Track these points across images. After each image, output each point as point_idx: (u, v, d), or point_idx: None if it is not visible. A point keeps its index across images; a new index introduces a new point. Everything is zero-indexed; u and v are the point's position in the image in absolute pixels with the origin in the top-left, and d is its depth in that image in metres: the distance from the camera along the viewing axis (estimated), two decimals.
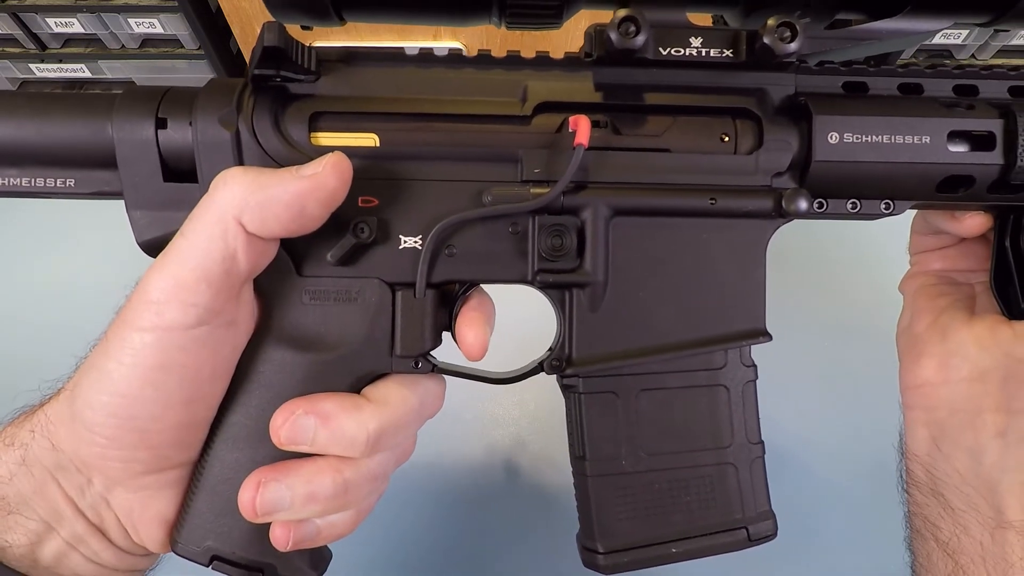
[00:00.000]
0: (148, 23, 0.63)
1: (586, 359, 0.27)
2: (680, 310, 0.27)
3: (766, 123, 0.26)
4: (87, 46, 0.67)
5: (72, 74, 0.69)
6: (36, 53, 0.66)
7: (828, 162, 0.26)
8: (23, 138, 0.25)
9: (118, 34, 0.65)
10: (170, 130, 0.25)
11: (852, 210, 0.28)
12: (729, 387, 0.27)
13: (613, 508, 0.27)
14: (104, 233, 0.72)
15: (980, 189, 0.27)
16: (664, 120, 0.26)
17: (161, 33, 0.64)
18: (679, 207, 0.26)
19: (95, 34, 0.65)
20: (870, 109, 0.26)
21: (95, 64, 0.68)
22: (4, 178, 0.26)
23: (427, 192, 0.26)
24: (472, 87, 0.27)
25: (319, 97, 0.26)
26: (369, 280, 0.26)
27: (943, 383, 0.29)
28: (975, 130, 0.26)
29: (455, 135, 0.26)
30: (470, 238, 0.26)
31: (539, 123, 0.26)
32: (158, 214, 0.26)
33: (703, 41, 0.25)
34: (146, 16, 0.62)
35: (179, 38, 0.65)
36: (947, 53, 0.68)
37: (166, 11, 0.62)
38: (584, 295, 0.27)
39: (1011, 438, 0.27)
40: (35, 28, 0.64)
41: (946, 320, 0.30)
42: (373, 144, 0.26)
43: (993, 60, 0.67)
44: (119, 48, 0.66)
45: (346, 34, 0.61)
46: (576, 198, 0.26)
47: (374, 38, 0.61)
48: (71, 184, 0.27)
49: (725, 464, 0.27)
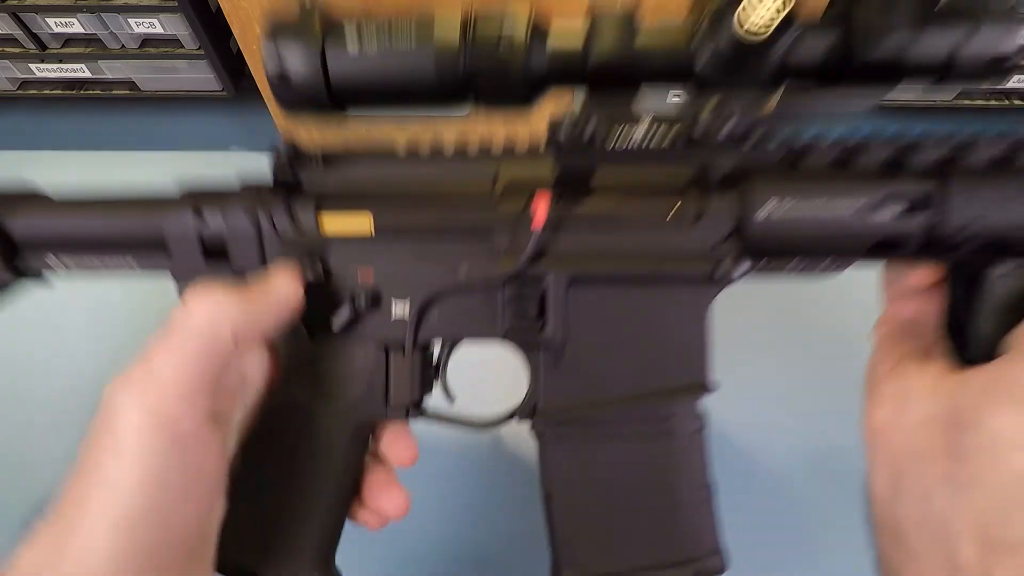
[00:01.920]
0: (148, 23, 0.63)
1: (551, 409, 0.31)
2: (632, 366, 0.30)
3: (708, 196, 0.29)
4: (87, 46, 0.66)
5: (72, 74, 0.69)
6: (36, 53, 0.66)
7: (766, 229, 0.29)
8: (97, 231, 0.33)
9: (118, 34, 0.65)
10: (208, 221, 0.32)
11: (792, 271, 0.31)
12: (678, 434, 0.30)
13: (576, 542, 0.30)
14: None
15: (915, 248, 0.29)
16: (616, 196, 0.30)
17: (161, 33, 0.64)
18: (629, 274, 0.30)
19: (95, 34, 0.65)
20: (805, 179, 0.29)
21: (95, 64, 0.68)
22: (81, 260, 0.34)
23: (414, 265, 0.31)
24: (454, 171, 0.32)
25: (324, 188, 0.32)
26: (365, 343, 0.31)
27: (897, 427, 0.30)
28: (905, 195, 0.28)
29: (437, 215, 0.31)
30: (450, 303, 0.31)
31: (507, 203, 0.30)
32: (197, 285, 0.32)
33: (648, 127, 0.28)
34: (146, 16, 0.62)
35: (179, 38, 0.65)
36: None
37: (166, 11, 0.62)
38: (547, 352, 0.31)
39: (956, 483, 0.27)
40: (35, 28, 0.64)
41: (904, 366, 0.31)
42: (369, 225, 0.31)
43: None
44: (119, 48, 0.66)
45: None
46: (538, 268, 0.30)
47: None
48: (132, 263, 0.34)
49: (676, 504, 0.30)
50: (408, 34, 0.27)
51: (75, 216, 0.33)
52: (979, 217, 0.27)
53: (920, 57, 0.26)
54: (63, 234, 0.33)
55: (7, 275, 0.34)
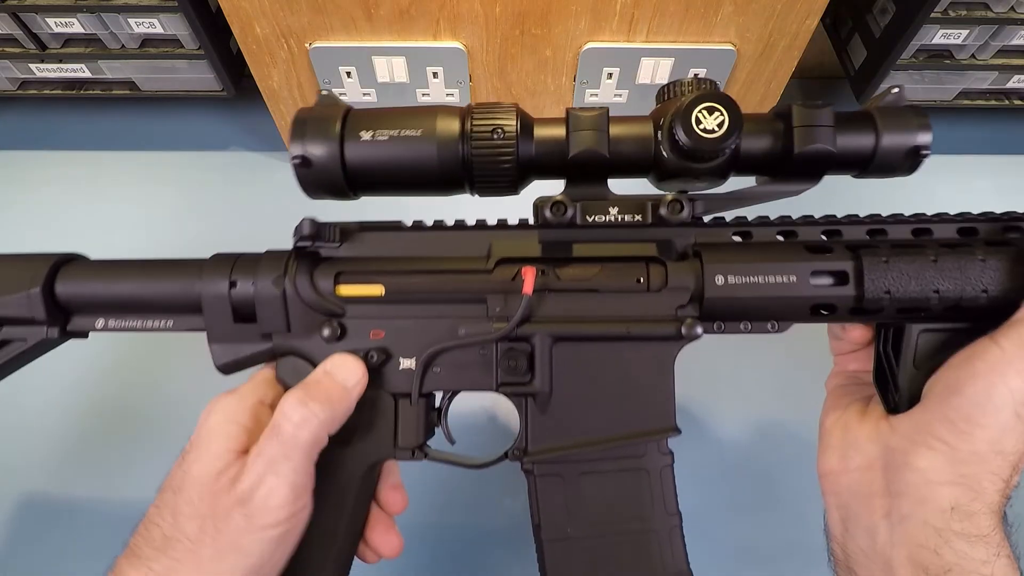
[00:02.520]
0: (148, 23, 0.63)
1: (539, 450, 0.34)
2: (608, 412, 0.34)
3: (670, 268, 0.34)
4: (87, 46, 0.66)
5: (72, 74, 0.69)
6: (36, 53, 0.66)
7: (719, 297, 0.33)
8: (138, 294, 0.36)
9: (118, 34, 0.65)
10: (239, 288, 0.35)
11: (745, 330, 0.35)
12: (650, 471, 0.34)
13: (562, 566, 0.34)
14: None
15: (843, 313, 0.34)
16: (592, 268, 0.35)
17: (161, 33, 0.64)
18: (605, 334, 0.34)
19: (95, 34, 0.64)
20: (750, 254, 0.34)
21: (95, 64, 0.68)
22: (123, 320, 0.37)
23: (419, 326, 0.35)
24: (451, 246, 0.36)
25: (341, 258, 0.36)
26: (378, 392, 0.35)
27: (844, 472, 0.34)
28: (832, 269, 0.33)
29: (439, 283, 0.35)
30: (450, 359, 0.35)
31: (499, 273, 0.35)
32: (229, 346, 0.36)
33: (619, 209, 0.34)
34: (146, 16, 0.62)
35: (179, 38, 0.65)
36: (947, 53, 0.68)
37: (166, 11, 0.62)
38: (535, 401, 0.35)
39: (894, 518, 0.31)
40: (35, 28, 0.64)
41: (847, 416, 0.36)
42: (380, 292, 0.35)
43: (993, 60, 0.67)
44: (119, 48, 0.66)
45: (347, 35, 0.61)
46: (526, 330, 0.34)
47: (373, 39, 0.61)
48: (169, 324, 0.37)
49: (648, 531, 0.34)
50: (414, 127, 0.31)
51: (121, 283, 0.37)
52: (889, 290, 0.32)
53: (847, 154, 0.32)
54: (110, 299, 0.37)
55: (57, 336, 0.37)
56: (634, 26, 0.61)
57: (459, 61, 0.63)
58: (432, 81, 0.65)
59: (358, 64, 0.64)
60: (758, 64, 0.65)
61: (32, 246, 0.72)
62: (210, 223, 0.74)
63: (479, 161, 0.31)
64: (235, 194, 0.76)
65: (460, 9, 0.59)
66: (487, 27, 0.61)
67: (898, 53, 0.65)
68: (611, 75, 0.65)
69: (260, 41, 0.62)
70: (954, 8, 0.62)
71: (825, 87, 0.86)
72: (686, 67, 0.64)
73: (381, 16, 0.59)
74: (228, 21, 0.60)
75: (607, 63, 0.64)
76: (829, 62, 0.80)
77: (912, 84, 0.70)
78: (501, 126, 0.31)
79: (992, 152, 0.81)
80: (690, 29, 0.61)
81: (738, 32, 0.61)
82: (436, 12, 0.59)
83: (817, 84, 0.86)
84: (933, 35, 0.64)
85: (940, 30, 0.63)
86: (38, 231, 0.73)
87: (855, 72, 0.72)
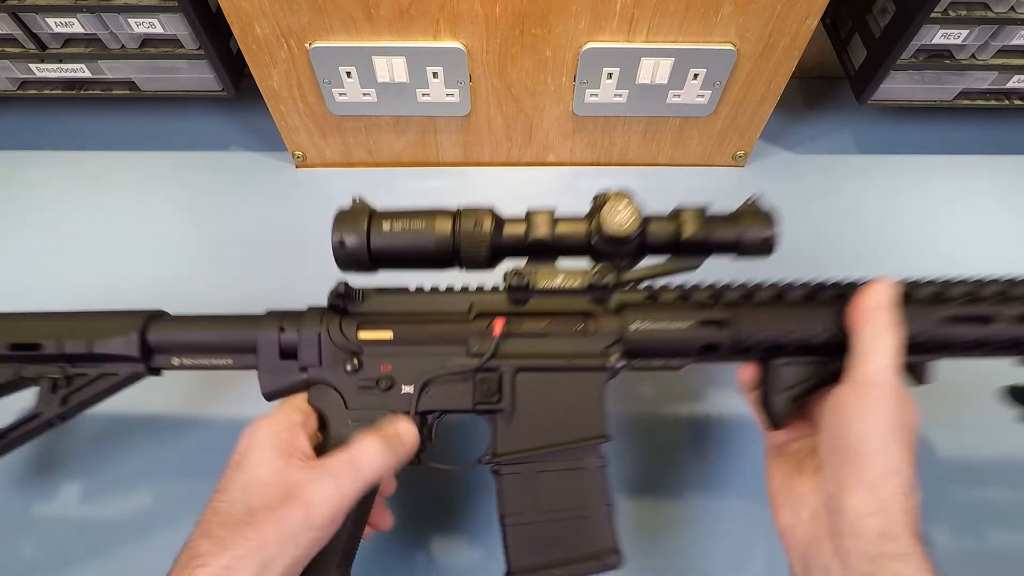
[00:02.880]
0: (148, 23, 0.63)
1: (504, 453, 0.45)
2: (555, 424, 0.45)
3: (601, 319, 0.46)
4: (87, 46, 0.66)
5: (72, 74, 0.69)
6: (36, 53, 0.66)
7: (634, 339, 0.46)
8: (212, 340, 0.48)
9: (118, 34, 0.64)
10: (286, 333, 0.47)
11: (657, 365, 0.47)
12: (588, 468, 0.44)
13: (521, 546, 0.43)
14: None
15: (725, 352, 0.46)
16: (544, 318, 0.47)
17: (161, 33, 0.64)
18: (553, 366, 0.46)
19: (95, 34, 0.64)
20: (657, 309, 0.46)
21: (95, 64, 0.68)
22: (194, 359, 0.49)
23: (417, 361, 0.46)
24: (442, 303, 0.48)
25: (363, 312, 0.47)
26: (383, 410, 0.45)
27: (796, 525, 0.40)
28: (714, 319, 0.45)
29: (433, 330, 0.47)
30: (439, 385, 0.46)
31: (477, 323, 0.47)
32: (274, 377, 0.47)
33: (564, 278, 0.46)
34: (146, 16, 0.62)
35: (179, 38, 0.65)
36: (947, 53, 0.68)
37: (166, 11, 0.62)
38: (502, 417, 0.45)
39: (842, 554, 0.36)
40: (35, 28, 0.64)
41: (790, 478, 0.43)
42: (389, 336, 0.47)
43: (993, 60, 0.67)
44: (119, 48, 0.66)
45: (347, 35, 0.61)
46: (495, 363, 0.46)
47: (373, 39, 0.61)
48: (229, 362, 0.48)
49: (587, 516, 0.44)
50: (419, 223, 0.44)
51: (195, 331, 0.48)
52: (756, 333, 0.45)
53: (719, 241, 0.44)
54: (186, 343, 0.48)
55: (143, 371, 0.49)
56: (634, 26, 0.61)
57: (459, 61, 0.63)
58: (432, 81, 0.65)
59: (358, 64, 0.64)
60: (758, 64, 0.65)
61: (32, 246, 0.72)
62: (210, 223, 0.74)
63: (464, 248, 0.43)
64: (235, 194, 0.76)
65: (460, 9, 0.59)
66: (487, 27, 0.61)
67: (898, 53, 0.65)
68: (611, 75, 0.65)
69: (260, 41, 0.62)
70: (954, 8, 0.62)
71: (825, 87, 0.86)
72: (686, 67, 0.64)
73: (381, 16, 0.59)
74: (228, 21, 0.60)
75: (607, 63, 0.64)
76: (829, 62, 0.80)
77: (912, 84, 0.70)
78: (480, 224, 0.43)
79: (992, 152, 0.81)
80: (690, 29, 0.61)
81: (738, 32, 0.61)
82: (436, 12, 0.59)
83: (817, 84, 0.86)
84: (933, 35, 0.64)
85: (940, 30, 0.63)
86: (38, 231, 0.73)
87: (855, 72, 0.72)
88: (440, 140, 0.75)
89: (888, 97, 0.71)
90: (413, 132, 0.74)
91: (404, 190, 0.77)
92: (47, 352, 0.48)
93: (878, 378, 0.39)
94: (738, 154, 0.77)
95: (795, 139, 0.82)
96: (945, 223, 0.75)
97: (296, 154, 0.77)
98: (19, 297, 0.67)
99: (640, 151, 0.77)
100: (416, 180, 0.77)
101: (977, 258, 0.72)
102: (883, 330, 0.40)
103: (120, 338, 0.47)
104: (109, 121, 0.82)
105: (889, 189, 0.78)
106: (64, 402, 0.48)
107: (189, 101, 0.81)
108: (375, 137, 0.74)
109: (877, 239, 0.74)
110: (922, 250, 0.73)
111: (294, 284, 0.69)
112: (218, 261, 0.71)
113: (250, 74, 0.66)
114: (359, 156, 0.77)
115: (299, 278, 0.69)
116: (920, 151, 0.81)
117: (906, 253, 0.73)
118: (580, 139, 0.75)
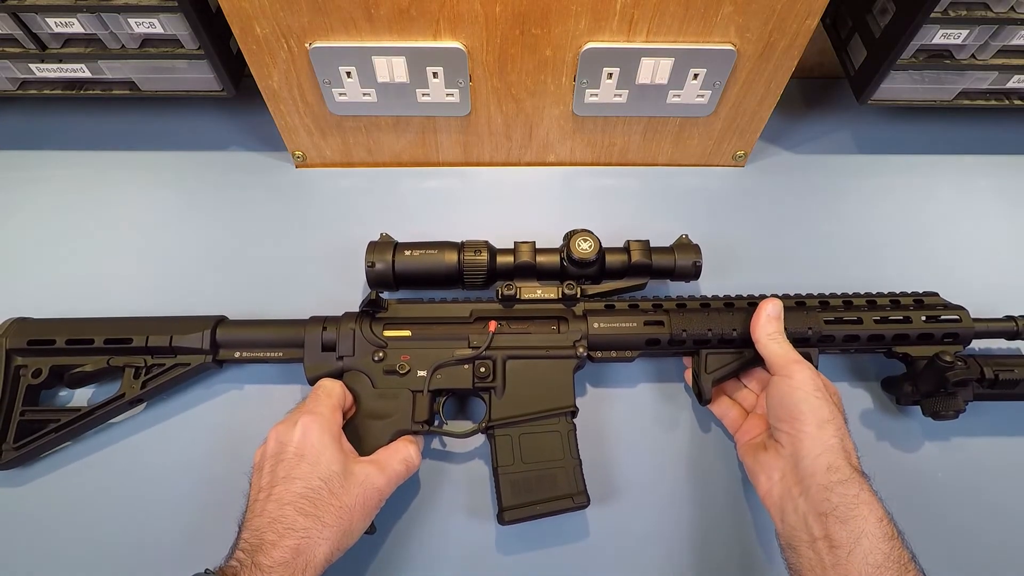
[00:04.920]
0: (148, 23, 0.63)
1: (497, 420, 0.57)
2: (535, 396, 0.58)
3: (571, 321, 0.60)
4: (87, 46, 0.66)
5: (72, 74, 0.69)
6: (36, 53, 0.66)
7: (595, 335, 0.60)
8: (263, 338, 0.61)
9: (118, 34, 0.64)
10: (327, 331, 0.60)
11: (616, 357, 0.60)
12: (560, 432, 0.57)
13: (510, 490, 0.55)
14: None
15: (664, 345, 0.60)
16: (528, 321, 0.61)
17: (161, 33, 0.64)
18: (535, 356, 0.59)
19: (95, 34, 0.64)
20: (612, 313, 0.61)
21: (95, 64, 0.68)
22: (252, 352, 0.61)
23: (429, 352, 0.59)
24: (449, 310, 0.61)
25: (387, 315, 0.61)
26: (403, 389, 0.58)
27: (772, 487, 0.52)
28: (655, 320, 0.60)
29: (442, 329, 0.60)
30: (447, 370, 0.59)
31: (476, 324, 0.60)
32: (316, 364, 0.59)
33: (542, 291, 0.61)
34: (146, 16, 0.62)
35: (179, 38, 0.65)
36: (947, 53, 0.68)
37: (166, 11, 0.61)
38: (495, 392, 0.58)
39: (805, 493, 0.48)
40: (35, 28, 0.64)
41: (758, 454, 0.55)
42: (408, 334, 0.60)
43: (993, 60, 0.67)
44: (119, 48, 0.66)
45: (347, 35, 0.61)
46: (490, 352, 0.59)
47: (373, 39, 0.61)
48: (280, 355, 0.61)
49: (559, 467, 0.56)
50: (432, 254, 0.61)
51: (255, 330, 0.61)
52: (685, 330, 0.59)
53: (660, 267, 0.62)
54: (248, 340, 0.61)
55: (210, 362, 0.61)
56: (634, 26, 0.61)
57: (459, 61, 0.63)
58: (432, 81, 0.65)
59: (358, 64, 0.64)
60: (758, 64, 0.65)
61: (33, 246, 0.72)
62: (210, 223, 0.74)
63: (467, 272, 0.61)
64: (235, 194, 0.76)
65: (460, 9, 0.59)
66: (487, 27, 0.61)
67: (898, 53, 0.65)
68: (611, 75, 0.65)
69: (260, 41, 0.62)
70: (954, 8, 0.62)
71: (825, 87, 0.86)
72: (686, 67, 0.64)
73: (381, 16, 0.59)
74: (228, 21, 0.60)
75: (607, 63, 0.64)
76: (829, 62, 0.81)
77: (912, 84, 0.70)
78: (479, 253, 0.61)
79: (992, 152, 0.81)
80: (690, 29, 0.61)
81: (738, 32, 0.61)
82: (436, 12, 0.59)
83: (817, 84, 0.86)
84: (933, 35, 0.64)
85: (940, 30, 0.63)
86: (39, 230, 0.73)
87: (855, 72, 0.72)
88: (440, 140, 0.75)
89: (888, 97, 0.71)
90: (413, 132, 0.74)
91: (404, 190, 0.77)
92: (135, 345, 0.60)
93: (790, 362, 0.54)
94: (738, 154, 0.77)
95: (795, 139, 0.82)
96: (945, 223, 0.75)
97: (296, 154, 0.77)
98: (19, 297, 0.67)
99: (640, 151, 0.77)
100: (416, 180, 0.77)
101: (976, 257, 0.72)
102: (776, 333, 0.56)
103: (195, 334, 0.60)
104: (109, 121, 0.82)
105: (889, 189, 0.78)
106: (144, 387, 0.59)
107: (189, 101, 0.81)
108: (375, 137, 0.74)
109: (876, 238, 0.74)
110: (922, 249, 0.73)
111: (294, 283, 0.69)
112: (218, 261, 0.71)
113: (250, 74, 0.66)
114: (359, 156, 0.77)
115: (299, 277, 0.69)
116: (920, 151, 0.81)
117: (905, 252, 0.73)
118: (580, 139, 0.75)
